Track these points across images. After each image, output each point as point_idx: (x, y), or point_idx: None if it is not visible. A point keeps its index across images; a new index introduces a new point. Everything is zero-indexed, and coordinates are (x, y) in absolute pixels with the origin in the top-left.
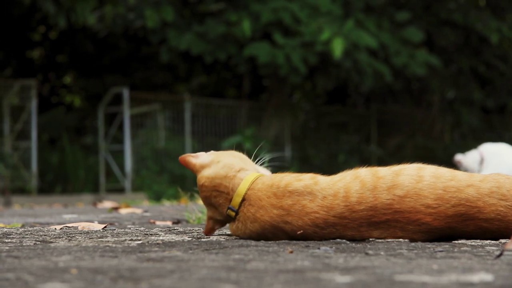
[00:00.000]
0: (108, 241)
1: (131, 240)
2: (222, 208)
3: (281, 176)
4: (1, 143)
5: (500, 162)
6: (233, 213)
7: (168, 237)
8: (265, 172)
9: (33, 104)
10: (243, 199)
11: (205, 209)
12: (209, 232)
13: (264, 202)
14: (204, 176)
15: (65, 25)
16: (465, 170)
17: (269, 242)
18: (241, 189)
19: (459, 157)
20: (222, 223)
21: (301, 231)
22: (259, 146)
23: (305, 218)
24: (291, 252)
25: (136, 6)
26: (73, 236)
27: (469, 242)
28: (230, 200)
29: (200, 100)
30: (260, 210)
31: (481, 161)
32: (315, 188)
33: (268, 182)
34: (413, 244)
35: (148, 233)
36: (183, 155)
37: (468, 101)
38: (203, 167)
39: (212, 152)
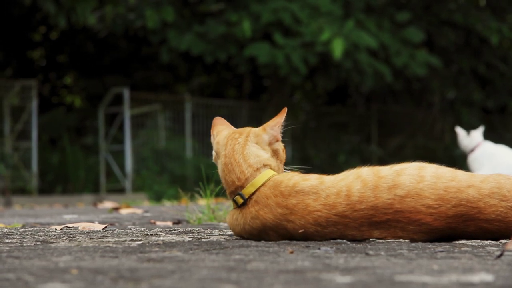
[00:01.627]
0: (108, 242)
1: (132, 240)
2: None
3: (291, 175)
4: (1, 143)
5: (500, 162)
6: (240, 200)
7: (168, 238)
8: None
9: (34, 104)
10: (253, 193)
11: (205, 210)
12: None
13: (270, 200)
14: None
15: (66, 25)
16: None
17: (270, 242)
18: (257, 182)
19: (459, 130)
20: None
21: (303, 230)
22: None
23: (308, 217)
24: (292, 252)
25: (136, 6)
26: (73, 237)
27: (469, 242)
28: (241, 187)
29: (200, 100)
30: (265, 208)
31: (471, 150)
32: (320, 187)
33: (278, 181)
34: (413, 244)
35: (148, 233)
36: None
37: (468, 102)
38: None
39: None
